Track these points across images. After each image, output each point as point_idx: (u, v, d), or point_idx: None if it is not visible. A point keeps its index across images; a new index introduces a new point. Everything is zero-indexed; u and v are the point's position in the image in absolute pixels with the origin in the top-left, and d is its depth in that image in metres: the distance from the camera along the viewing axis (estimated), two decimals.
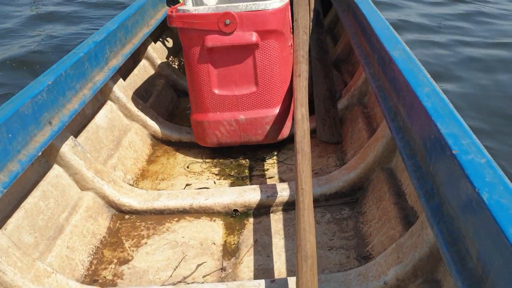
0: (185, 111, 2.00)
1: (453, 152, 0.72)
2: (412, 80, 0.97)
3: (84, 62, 1.38)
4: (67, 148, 1.28)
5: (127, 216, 1.35)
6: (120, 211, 1.35)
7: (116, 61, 1.58)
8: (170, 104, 2.01)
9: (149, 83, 1.96)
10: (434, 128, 0.81)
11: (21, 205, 1.12)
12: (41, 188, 1.19)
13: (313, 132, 1.62)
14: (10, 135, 1.01)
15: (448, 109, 0.86)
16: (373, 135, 1.33)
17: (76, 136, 1.40)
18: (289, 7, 1.58)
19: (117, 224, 1.32)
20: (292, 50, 1.63)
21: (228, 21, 1.44)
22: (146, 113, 1.72)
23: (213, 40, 1.46)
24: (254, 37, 1.45)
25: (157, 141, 1.73)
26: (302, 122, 1.33)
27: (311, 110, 1.59)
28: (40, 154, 1.09)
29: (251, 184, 1.49)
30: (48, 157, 1.25)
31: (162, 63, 2.07)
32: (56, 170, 1.27)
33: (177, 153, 1.68)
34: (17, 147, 1.04)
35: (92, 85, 1.41)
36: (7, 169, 0.99)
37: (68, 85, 1.28)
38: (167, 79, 2.07)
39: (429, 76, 1.01)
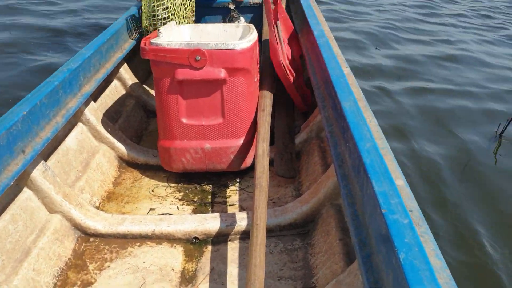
0: (154, 132, 2.07)
1: (382, 211, 0.83)
2: (357, 134, 1.09)
3: (59, 90, 1.44)
4: (38, 173, 1.34)
5: (92, 239, 1.42)
6: (85, 234, 1.42)
7: (89, 87, 1.65)
8: (140, 124, 2.08)
9: (120, 103, 2.03)
10: (369, 185, 0.93)
11: None
12: (11, 212, 1.24)
13: (272, 163, 1.73)
14: None
15: (383, 166, 0.98)
16: (325, 172, 1.45)
17: (46, 159, 1.46)
18: (258, 44, 1.69)
19: (82, 247, 1.39)
20: (258, 84, 1.74)
21: (198, 57, 1.53)
22: (115, 135, 1.79)
23: (183, 74, 1.55)
24: (222, 74, 1.55)
25: (124, 163, 1.80)
26: (262, 157, 1.44)
27: (271, 141, 1.71)
28: (12, 183, 1.15)
29: (213, 211, 1.58)
30: (19, 181, 1.31)
31: (133, 83, 2.14)
32: (26, 193, 1.32)
33: (143, 176, 1.76)
34: None
35: (65, 112, 1.47)
36: None
37: (43, 113, 1.34)
38: (138, 100, 2.14)
39: (375, 129, 1.13)
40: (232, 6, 2.66)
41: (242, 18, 2.63)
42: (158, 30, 1.64)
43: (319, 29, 1.87)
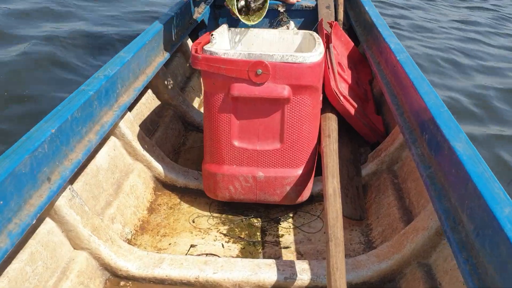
0: (193, 148, 1.83)
1: None
2: (485, 191, 0.83)
3: (93, 102, 1.20)
4: (63, 201, 1.10)
5: (122, 283, 1.18)
6: (115, 276, 1.18)
7: (127, 97, 1.41)
8: (177, 139, 1.84)
9: (157, 113, 1.79)
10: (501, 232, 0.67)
11: (4, 272, 0.94)
12: (30, 249, 1.01)
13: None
14: (1, 202, 0.84)
15: None
16: (412, 224, 1.18)
17: (73, 181, 1.22)
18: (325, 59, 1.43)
19: None
20: (321, 104, 1.48)
21: (260, 71, 1.28)
22: (152, 152, 1.55)
23: (240, 90, 1.30)
24: (286, 91, 1.30)
25: (161, 185, 1.56)
26: (334, 198, 1.18)
27: None
28: (33, 222, 0.92)
29: (264, 253, 1.33)
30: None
31: (172, 91, 1.90)
32: (48, 225, 1.09)
33: (182, 202, 1.52)
34: (8, 216, 0.86)
35: (100, 127, 1.23)
36: None
37: (73, 131, 1.10)
38: (176, 110, 1.90)
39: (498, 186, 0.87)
40: (281, 9, 2.40)
41: (292, 23, 2.38)
42: (212, 34, 1.40)
43: (395, 42, 1.60)
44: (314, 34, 1.51)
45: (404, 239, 1.16)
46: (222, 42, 1.50)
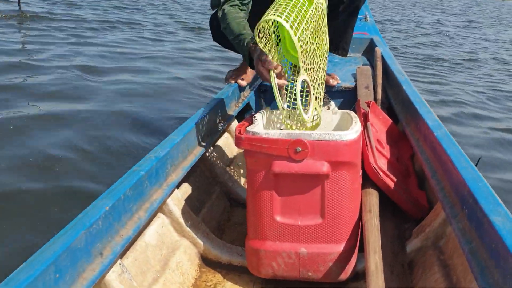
0: (237, 225, 1.87)
1: None
2: None
3: (144, 181, 1.30)
4: (114, 276, 1.16)
5: None
6: None
7: (176, 176, 1.51)
8: (222, 215, 1.90)
9: (204, 191, 1.87)
10: None
11: None
12: None
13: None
14: (57, 275, 0.91)
15: None
16: None
17: (123, 256, 1.29)
18: (362, 135, 1.48)
19: None
20: (361, 180, 1.50)
21: (299, 149, 1.34)
22: (197, 229, 1.61)
23: (281, 166, 1.36)
24: (325, 168, 1.35)
25: (206, 261, 1.59)
26: (376, 275, 1.16)
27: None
28: None
29: None
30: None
31: (218, 169, 1.99)
32: None
33: (225, 279, 1.53)
34: None
35: (149, 205, 1.32)
36: None
37: (125, 208, 1.19)
38: (222, 186, 1.98)
39: None
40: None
41: (332, 103, 2.48)
42: (254, 116, 1.50)
43: (432, 118, 1.64)
44: (352, 113, 1.58)
45: None
46: (264, 123, 1.60)
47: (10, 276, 0.84)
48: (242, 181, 2.21)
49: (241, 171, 2.27)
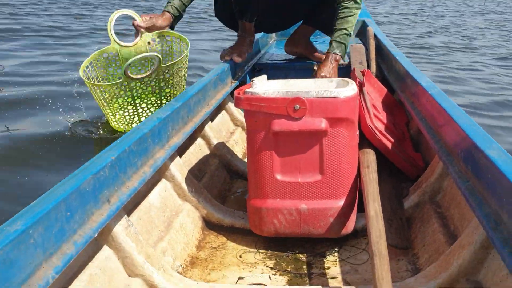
0: (237, 194, 1.91)
1: None
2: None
3: (147, 139, 1.33)
4: (120, 229, 1.19)
5: None
6: None
7: (177, 139, 1.54)
8: (223, 185, 1.93)
9: (204, 162, 1.90)
10: None
11: None
12: (89, 271, 1.08)
13: None
14: (68, 213, 0.94)
15: None
16: (457, 241, 1.17)
17: (129, 214, 1.31)
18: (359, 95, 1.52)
19: None
20: (358, 139, 1.54)
21: (297, 106, 1.38)
22: (200, 194, 1.64)
23: (280, 125, 1.39)
24: (323, 124, 1.38)
25: (209, 224, 1.62)
26: (376, 219, 1.20)
27: None
28: (96, 235, 1.00)
29: (311, 282, 1.34)
30: (100, 237, 1.16)
31: (217, 142, 2.03)
32: (105, 251, 1.17)
33: (229, 240, 1.56)
34: (74, 227, 0.96)
35: (153, 162, 1.35)
36: (61, 251, 0.90)
37: (130, 161, 1.22)
38: (221, 159, 2.01)
39: None
40: (316, 67, 2.56)
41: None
42: (252, 80, 1.53)
43: (426, 80, 1.69)
44: (347, 79, 1.61)
45: (450, 257, 1.15)
46: (261, 87, 1.63)
47: (25, 208, 0.86)
48: (240, 155, 2.25)
49: (239, 147, 2.30)
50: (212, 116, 2.06)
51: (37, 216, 0.84)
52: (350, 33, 2.11)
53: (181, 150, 1.77)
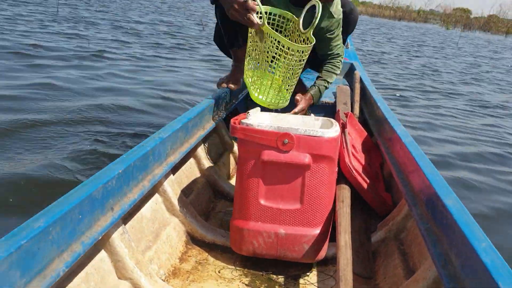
0: (220, 213, 2.04)
1: None
2: (469, 234, 1.02)
3: (149, 156, 1.47)
4: (117, 235, 1.31)
5: None
6: None
7: (173, 158, 1.68)
8: (208, 204, 2.06)
9: (193, 180, 2.04)
10: (494, 286, 0.84)
11: (66, 286, 1.13)
12: (86, 270, 1.20)
13: None
14: (80, 216, 1.07)
15: (506, 268, 0.89)
16: (413, 276, 1.33)
17: (125, 223, 1.44)
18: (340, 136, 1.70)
19: None
20: (336, 176, 1.71)
21: (286, 141, 1.54)
22: (186, 210, 1.77)
23: (269, 155, 1.55)
24: (307, 159, 1.55)
25: (192, 239, 1.75)
26: (345, 249, 1.36)
27: None
28: (100, 237, 1.13)
29: None
30: (98, 240, 1.28)
31: (206, 163, 2.17)
32: (101, 254, 1.29)
33: (209, 256, 1.70)
34: (83, 229, 1.08)
35: (152, 177, 1.49)
36: (71, 249, 1.03)
37: (133, 175, 1.35)
38: (208, 179, 2.15)
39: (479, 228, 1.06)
40: (299, 97, 2.74)
41: (312, 115, 2.70)
42: (248, 112, 1.70)
43: (401, 129, 1.88)
44: (332, 119, 1.79)
45: None
46: (255, 119, 1.79)
47: (46, 208, 0.99)
48: (226, 176, 2.39)
49: (225, 169, 2.45)
50: (205, 139, 2.20)
51: (56, 216, 0.97)
52: (328, 87, 2.44)
53: (174, 168, 1.91)
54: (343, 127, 2.00)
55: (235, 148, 2.56)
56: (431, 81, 8.30)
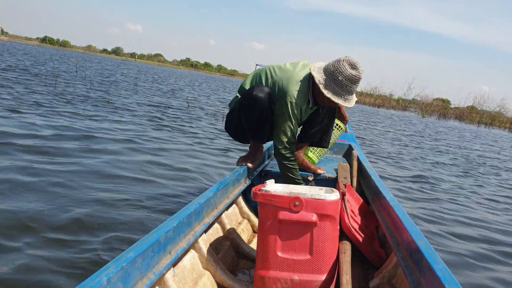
0: (244, 268, 2.42)
1: None
2: (442, 277, 1.40)
3: (193, 215, 1.91)
4: (169, 276, 1.70)
5: None
6: None
7: (208, 220, 2.11)
8: (232, 262, 2.45)
9: (220, 242, 2.44)
10: None
11: None
12: None
13: None
14: (152, 254, 1.49)
15: None
16: None
17: (174, 267, 1.83)
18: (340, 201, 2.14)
19: None
20: (339, 233, 2.12)
21: (297, 203, 1.98)
22: (217, 265, 2.16)
23: (284, 215, 1.98)
24: (314, 217, 1.97)
25: None
26: (346, 286, 1.74)
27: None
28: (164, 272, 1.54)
29: None
30: (158, 277, 1.67)
31: (230, 228, 2.58)
32: (159, 287, 1.68)
33: None
34: (153, 263, 1.50)
35: (193, 233, 1.91)
36: (147, 276, 1.43)
37: (183, 230, 1.78)
38: (232, 242, 2.55)
39: None
40: (311, 178, 3.21)
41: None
42: (265, 182, 2.15)
43: (392, 199, 2.32)
44: (333, 188, 2.24)
45: None
46: (272, 187, 2.24)
47: (133, 245, 1.42)
48: (246, 240, 2.79)
49: (244, 234, 2.85)
50: (227, 207, 2.64)
51: (141, 250, 1.40)
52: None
53: (206, 229, 2.33)
54: (343, 195, 2.44)
55: (252, 217, 2.98)
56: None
